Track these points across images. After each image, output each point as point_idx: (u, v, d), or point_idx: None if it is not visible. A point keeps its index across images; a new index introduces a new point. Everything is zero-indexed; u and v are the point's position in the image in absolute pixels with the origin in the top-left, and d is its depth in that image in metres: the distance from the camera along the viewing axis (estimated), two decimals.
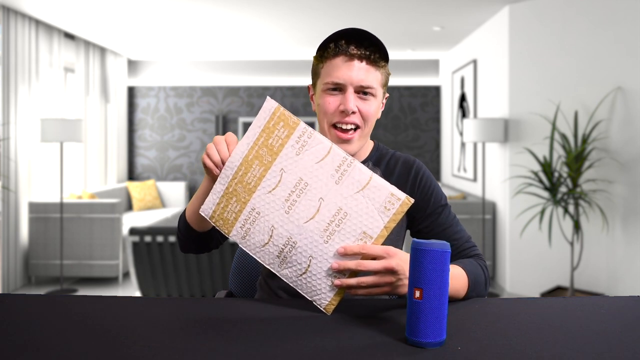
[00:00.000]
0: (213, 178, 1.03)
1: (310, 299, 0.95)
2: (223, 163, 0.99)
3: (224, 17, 4.58)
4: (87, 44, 5.58)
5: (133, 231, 3.21)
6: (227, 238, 1.11)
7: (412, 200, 0.93)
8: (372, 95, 1.09)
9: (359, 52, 1.06)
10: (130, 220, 5.34)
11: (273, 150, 0.94)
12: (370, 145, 1.21)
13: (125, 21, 4.74)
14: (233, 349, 0.77)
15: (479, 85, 4.92)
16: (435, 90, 6.83)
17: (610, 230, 3.71)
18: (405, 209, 0.92)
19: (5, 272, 4.20)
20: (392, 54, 6.55)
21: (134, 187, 6.18)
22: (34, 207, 4.38)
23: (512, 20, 4.07)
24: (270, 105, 0.96)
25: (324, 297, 0.94)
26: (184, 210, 1.17)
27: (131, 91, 6.89)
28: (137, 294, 3.90)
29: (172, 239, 3.19)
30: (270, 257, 0.96)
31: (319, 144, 0.94)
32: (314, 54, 1.57)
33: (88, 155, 5.59)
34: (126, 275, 4.77)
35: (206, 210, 0.99)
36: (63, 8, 4.28)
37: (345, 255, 0.91)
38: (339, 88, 1.08)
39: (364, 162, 1.17)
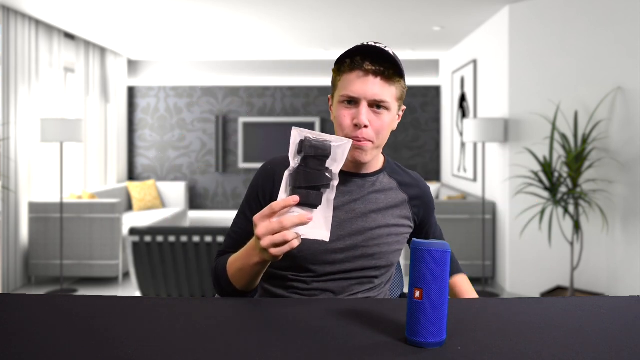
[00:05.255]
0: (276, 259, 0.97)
1: None
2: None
3: (224, 17, 4.58)
4: (87, 44, 5.58)
5: (133, 231, 3.21)
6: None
7: None
8: (386, 109, 1.12)
9: (373, 68, 1.10)
10: (130, 220, 5.34)
11: None
12: (381, 157, 1.28)
13: (125, 21, 4.74)
14: (233, 349, 0.77)
15: (479, 85, 4.92)
16: (435, 90, 6.83)
17: (610, 230, 3.71)
18: None
19: (5, 272, 4.20)
20: None
21: (134, 187, 6.18)
22: (34, 207, 4.38)
23: (512, 20, 4.07)
24: None
25: None
26: (221, 265, 1.14)
27: (131, 91, 6.89)
28: (137, 294, 3.90)
29: (172, 239, 3.19)
30: None
31: None
32: (332, 66, 1.64)
33: (88, 155, 5.59)
34: (126, 275, 4.77)
35: None
36: (63, 8, 4.28)
37: None
38: (353, 101, 1.12)
39: (379, 172, 1.24)
